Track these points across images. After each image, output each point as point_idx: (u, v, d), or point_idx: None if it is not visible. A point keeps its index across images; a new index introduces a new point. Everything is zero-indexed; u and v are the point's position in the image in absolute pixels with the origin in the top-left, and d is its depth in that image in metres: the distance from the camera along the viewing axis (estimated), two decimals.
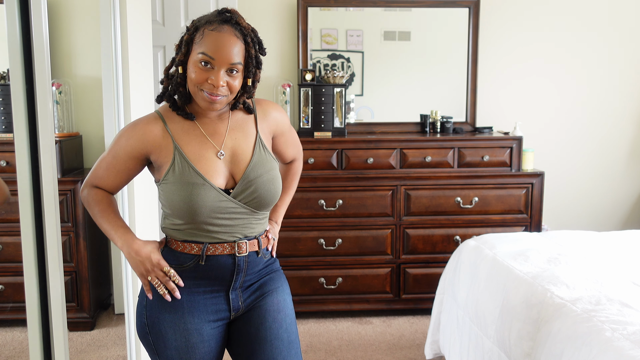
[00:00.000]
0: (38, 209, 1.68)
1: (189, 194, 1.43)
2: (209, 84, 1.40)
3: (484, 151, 3.41)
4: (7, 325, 3.16)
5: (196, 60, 1.41)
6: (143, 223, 2.56)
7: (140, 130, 1.48)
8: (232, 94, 1.45)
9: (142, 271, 1.49)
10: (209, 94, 1.42)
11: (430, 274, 3.40)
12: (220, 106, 1.45)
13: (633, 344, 1.61)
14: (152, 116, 1.50)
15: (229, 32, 1.42)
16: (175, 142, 1.46)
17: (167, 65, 1.53)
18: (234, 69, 1.42)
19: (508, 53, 3.79)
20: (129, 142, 1.48)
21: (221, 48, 1.40)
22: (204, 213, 1.44)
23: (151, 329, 1.51)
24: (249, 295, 1.57)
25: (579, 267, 2.27)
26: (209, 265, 1.50)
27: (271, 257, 1.64)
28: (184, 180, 1.44)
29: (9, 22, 1.59)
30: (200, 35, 1.43)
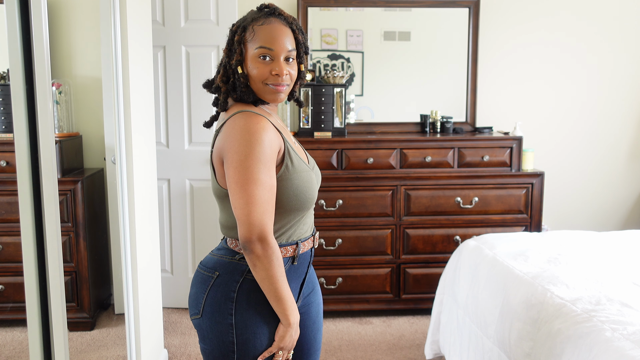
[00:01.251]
0: (38, 209, 1.68)
1: (310, 180, 1.47)
2: (274, 76, 1.42)
3: (484, 151, 3.41)
4: (7, 325, 3.16)
5: (254, 56, 1.42)
6: (143, 223, 2.56)
7: (272, 135, 1.40)
8: (292, 82, 1.48)
9: (290, 346, 1.47)
10: (275, 85, 1.43)
11: (430, 274, 3.40)
12: (284, 96, 1.48)
13: (633, 344, 1.61)
14: (258, 118, 1.40)
15: (278, 23, 1.44)
16: (283, 136, 1.45)
17: (218, 72, 1.52)
18: (289, 57, 1.45)
19: (508, 53, 3.79)
20: (272, 154, 1.39)
21: (277, 38, 1.42)
22: (315, 198, 1.49)
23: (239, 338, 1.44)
24: (309, 286, 1.61)
25: (579, 267, 2.27)
26: (299, 264, 1.52)
27: None
28: (302, 168, 1.46)
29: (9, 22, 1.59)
30: (251, 32, 1.44)
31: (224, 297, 1.44)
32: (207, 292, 1.46)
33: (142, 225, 2.54)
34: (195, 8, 3.41)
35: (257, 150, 1.34)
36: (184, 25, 3.44)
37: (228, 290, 1.44)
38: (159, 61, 3.46)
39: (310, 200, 1.47)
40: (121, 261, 2.40)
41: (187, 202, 3.57)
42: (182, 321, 3.45)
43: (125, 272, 2.41)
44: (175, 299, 3.64)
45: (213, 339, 1.45)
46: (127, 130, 2.37)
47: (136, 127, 2.45)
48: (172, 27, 3.44)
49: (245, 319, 1.43)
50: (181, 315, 3.53)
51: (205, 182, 3.55)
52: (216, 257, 1.50)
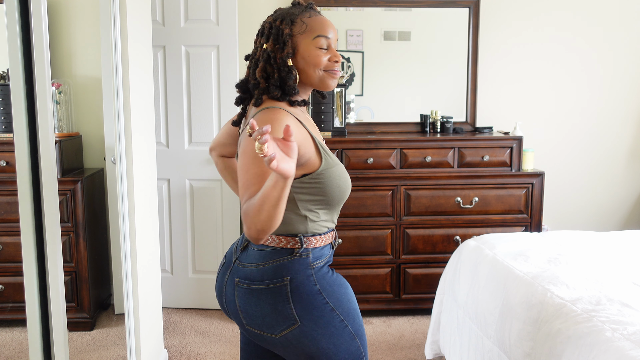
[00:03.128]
0: (38, 209, 1.68)
1: (345, 172, 1.53)
2: (332, 62, 1.49)
3: (484, 151, 3.41)
4: (7, 325, 3.16)
5: (312, 46, 1.47)
6: (143, 223, 2.56)
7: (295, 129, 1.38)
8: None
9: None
10: (334, 71, 1.50)
11: (430, 274, 3.40)
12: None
13: (633, 344, 1.61)
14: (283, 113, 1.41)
15: (322, 15, 1.53)
16: (308, 130, 1.46)
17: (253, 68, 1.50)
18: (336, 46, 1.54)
19: (508, 53, 3.79)
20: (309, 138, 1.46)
21: (330, 27, 1.50)
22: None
23: (328, 293, 1.49)
24: None
25: (579, 267, 2.27)
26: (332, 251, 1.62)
27: None
28: (335, 161, 1.50)
29: (9, 22, 1.59)
30: (301, 24, 1.48)
31: (312, 294, 1.46)
32: (291, 299, 1.44)
33: (142, 225, 2.54)
34: (195, 8, 3.41)
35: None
36: (184, 25, 3.44)
37: (311, 287, 1.46)
38: (159, 61, 3.46)
39: (348, 191, 1.54)
40: (121, 261, 2.40)
41: (187, 202, 3.57)
42: (182, 321, 3.45)
43: (125, 272, 2.41)
44: (175, 299, 3.64)
45: (325, 332, 1.46)
46: (127, 130, 2.37)
47: (136, 127, 2.45)
48: (172, 27, 3.44)
49: (337, 296, 1.49)
50: (181, 315, 3.53)
51: (206, 182, 3.55)
52: (272, 264, 1.46)
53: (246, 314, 1.47)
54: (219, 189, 3.55)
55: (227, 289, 1.52)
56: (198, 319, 3.49)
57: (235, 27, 3.43)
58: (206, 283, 3.62)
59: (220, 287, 1.56)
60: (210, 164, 3.53)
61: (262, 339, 1.49)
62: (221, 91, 3.47)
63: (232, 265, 1.53)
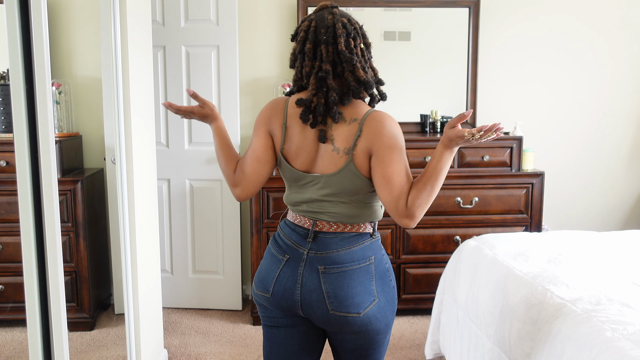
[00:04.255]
0: (38, 209, 1.68)
1: None
2: None
3: (484, 151, 3.41)
4: (7, 325, 3.16)
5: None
6: (143, 223, 2.56)
7: None
8: None
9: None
10: None
11: (430, 274, 3.40)
12: None
13: (633, 344, 1.61)
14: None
15: None
16: None
17: (369, 64, 1.67)
18: None
19: (508, 53, 3.79)
20: None
21: None
22: None
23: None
24: None
25: (579, 267, 2.27)
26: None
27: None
28: None
29: (9, 22, 1.59)
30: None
31: (385, 271, 1.64)
32: (374, 276, 1.60)
33: (142, 225, 2.54)
34: (195, 8, 3.41)
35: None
36: (184, 25, 3.44)
37: (383, 265, 1.64)
38: (159, 61, 3.46)
39: None
40: (121, 261, 2.40)
41: (187, 202, 3.57)
42: (182, 321, 3.45)
43: (125, 272, 2.41)
44: (175, 299, 3.64)
45: (391, 307, 1.64)
46: (127, 130, 2.37)
47: (136, 127, 2.45)
48: (172, 27, 3.44)
49: (391, 275, 1.68)
50: (181, 315, 3.53)
51: (206, 182, 3.55)
52: (359, 246, 1.61)
53: (335, 298, 1.56)
54: (219, 189, 3.55)
55: (305, 280, 1.59)
56: (198, 319, 3.49)
57: (235, 27, 3.43)
58: (206, 283, 3.62)
59: (292, 281, 1.60)
60: (210, 164, 3.53)
61: (343, 322, 1.58)
62: (221, 91, 3.47)
63: (306, 257, 1.60)
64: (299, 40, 1.60)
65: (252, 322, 3.42)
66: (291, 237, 1.64)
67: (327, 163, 1.57)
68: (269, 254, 1.68)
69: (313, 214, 1.62)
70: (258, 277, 1.69)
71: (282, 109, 1.61)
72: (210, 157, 3.53)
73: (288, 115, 1.60)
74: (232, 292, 3.61)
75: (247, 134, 3.68)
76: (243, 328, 3.35)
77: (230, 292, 3.61)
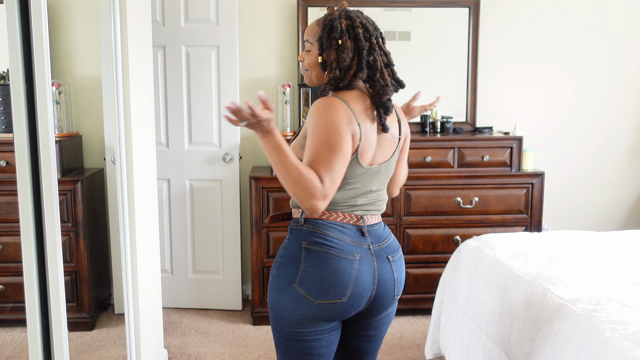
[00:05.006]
0: (38, 209, 1.68)
1: None
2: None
3: (484, 151, 3.41)
4: (7, 325, 3.16)
5: None
6: (143, 223, 2.56)
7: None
8: (310, 70, 1.70)
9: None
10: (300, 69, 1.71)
11: (430, 274, 3.40)
12: (307, 80, 1.73)
13: (633, 344, 1.61)
14: None
15: (314, 21, 1.72)
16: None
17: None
18: (306, 47, 1.71)
19: (508, 53, 3.79)
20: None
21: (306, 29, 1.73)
22: None
23: None
24: None
25: (579, 267, 2.27)
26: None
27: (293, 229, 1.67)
28: None
29: (9, 22, 1.59)
30: None
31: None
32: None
33: (142, 225, 2.54)
34: (195, 8, 3.41)
35: None
36: (184, 25, 3.44)
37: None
38: (159, 61, 3.46)
39: None
40: (121, 261, 2.40)
41: (187, 202, 3.57)
42: (182, 321, 3.45)
43: (125, 272, 2.41)
44: (175, 299, 3.64)
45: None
46: (127, 130, 2.37)
47: (136, 127, 2.45)
48: (172, 27, 3.44)
49: None
50: (181, 315, 3.53)
51: (206, 182, 3.55)
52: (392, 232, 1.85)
53: (400, 283, 1.70)
54: (219, 189, 3.55)
55: (381, 273, 1.63)
56: (198, 319, 3.49)
57: (235, 27, 3.43)
58: (206, 283, 3.62)
59: (370, 278, 1.61)
60: (210, 164, 3.53)
61: (393, 305, 1.73)
62: (221, 91, 3.47)
63: (372, 251, 1.64)
64: (353, 38, 1.64)
65: (252, 322, 3.42)
66: (344, 236, 1.60)
67: (384, 152, 1.66)
68: (334, 258, 1.57)
69: (363, 208, 1.64)
70: (324, 286, 1.55)
71: (347, 108, 1.57)
72: (210, 157, 3.53)
73: (355, 112, 1.57)
74: (232, 292, 3.61)
75: (246, 134, 3.68)
76: (243, 328, 3.35)
77: (230, 292, 3.61)
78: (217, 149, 3.53)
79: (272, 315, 1.63)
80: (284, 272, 1.60)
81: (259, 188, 3.27)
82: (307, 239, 1.59)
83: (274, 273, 1.63)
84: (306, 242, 1.59)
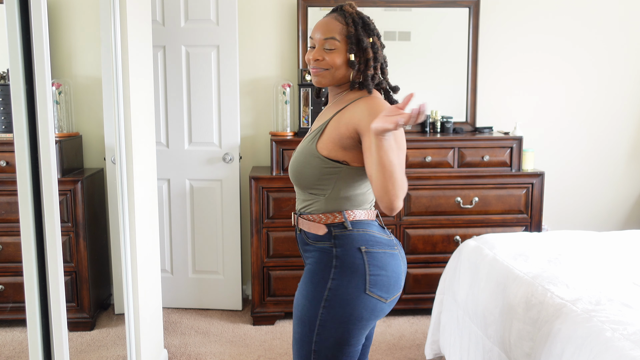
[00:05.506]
0: (38, 209, 1.68)
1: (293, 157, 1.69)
2: (309, 60, 1.64)
3: (484, 151, 3.41)
4: (7, 325, 3.16)
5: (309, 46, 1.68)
6: (143, 223, 2.56)
7: None
8: (334, 69, 1.61)
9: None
10: (312, 69, 1.64)
11: (430, 274, 3.40)
12: (324, 80, 1.64)
13: (633, 344, 1.61)
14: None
15: (330, 16, 1.64)
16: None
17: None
18: (328, 45, 1.60)
19: (508, 53, 3.79)
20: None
21: (318, 29, 1.63)
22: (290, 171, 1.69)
23: None
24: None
25: (579, 267, 2.27)
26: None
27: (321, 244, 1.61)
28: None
29: (9, 22, 1.59)
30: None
31: None
32: None
33: (142, 225, 2.54)
34: (195, 8, 3.41)
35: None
36: (184, 25, 3.44)
37: None
38: (159, 61, 3.46)
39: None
40: (121, 261, 2.40)
41: (187, 202, 3.57)
42: (182, 321, 3.45)
43: (125, 272, 2.41)
44: (175, 299, 3.64)
45: None
46: (127, 130, 2.37)
47: (136, 127, 2.45)
48: (172, 27, 3.44)
49: None
50: (181, 315, 3.53)
51: (206, 182, 3.55)
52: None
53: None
54: (219, 189, 3.55)
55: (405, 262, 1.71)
56: (198, 319, 3.49)
57: (235, 27, 3.43)
58: (206, 283, 3.62)
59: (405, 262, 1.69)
60: (210, 164, 3.53)
61: None
62: (221, 91, 3.47)
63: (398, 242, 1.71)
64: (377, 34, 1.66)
65: (252, 322, 3.42)
66: (382, 231, 1.66)
67: None
68: (390, 255, 1.60)
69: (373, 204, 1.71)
70: (391, 284, 1.58)
71: None
72: (210, 157, 3.53)
73: None
74: (232, 292, 3.61)
75: (246, 134, 3.68)
76: (243, 328, 3.35)
77: (230, 292, 3.61)
78: (217, 149, 3.53)
79: (343, 329, 1.55)
80: (347, 283, 1.55)
81: (259, 188, 3.27)
82: (363, 243, 1.58)
83: (330, 286, 1.55)
84: (365, 247, 1.57)
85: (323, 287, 1.56)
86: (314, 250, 1.63)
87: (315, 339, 1.57)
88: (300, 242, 1.70)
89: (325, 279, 1.56)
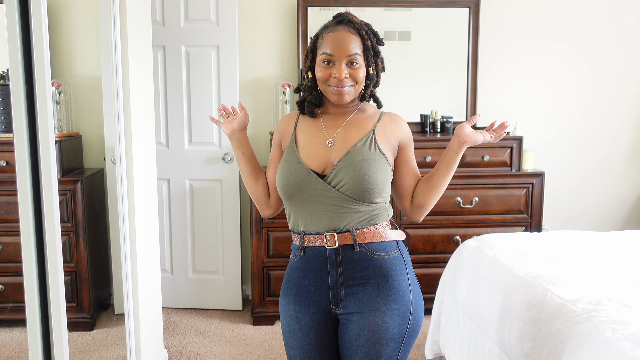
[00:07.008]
0: (38, 209, 1.68)
1: (283, 169, 1.61)
2: (334, 78, 1.57)
3: (484, 151, 3.41)
4: (7, 325, 3.16)
5: (320, 61, 1.59)
6: (143, 223, 2.56)
7: (280, 123, 1.74)
8: (359, 84, 1.60)
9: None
10: (336, 87, 1.57)
11: (431, 274, 3.40)
12: (349, 97, 1.60)
13: (633, 344, 1.60)
14: (292, 113, 1.74)
15: (343, 30, 1.57)
16: (295, 131, 1.66)
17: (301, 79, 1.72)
18: (353, 61, 1.57)
19: (508, 53, 3.79)
20: (275, 134, 1.74)
21: (337, 44, 1.56)
22: (294, 191, 1.58)
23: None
24: (352, 297, 1.59)
25: (579, 267, 2.27)
26: (308, 256, 1.61)
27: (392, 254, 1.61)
28: (285, 159, 1.63)
29: (9, 22, 1.59)
30: (321, 40, 1.61)
31: None
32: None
33: (142, 225, 2.54)
34: (195, 8, 3.41)
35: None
36: (184, 25, 3.44)
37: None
38: (159, 61, 3.46)
39: (281, 189, 1.61)
40: (121, 261, 2.40)
41: (187, 202, 3.57)
42: (182, 321, 3.45)
43: (125, 272, 2.41)
44: (175, 299, 3.64)
45: None
46: (127, 130, 2.37)
47: (136, 127, 2.45)
48: (172, 27, 3.44)
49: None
50: (181, 315, 3.53)
51: (206, 182, 3.55)
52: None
53: None
54: (219, 189, 3.55)
55: None
56: (198, 319, 3.49)
57: (235, 27, 3.43)
58: (206, 283, 3.62)
59: None
60: (210, 164, 3.53)
61: None
62: (221, 91, 3.47)
63: None
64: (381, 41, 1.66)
65: (252, 322, 3.42)
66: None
67: None
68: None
69: None
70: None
71: None
72: (210, 157, 3.53)
73: None
74: (232, 292, 3.61)
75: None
76: (243, 328, 3.35)
77: (230, 292, 3.61)
78: (217, 149, 3.53)
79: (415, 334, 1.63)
80: (418, 285, 1.66)
81: None
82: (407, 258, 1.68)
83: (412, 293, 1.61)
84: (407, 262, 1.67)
85: (407, 296, 1.59)
86: (379, 265, 1.58)
87: (400, 356, 1.60)
88: (353, 262, 1.58)
89: (406, 288, 1.60)
